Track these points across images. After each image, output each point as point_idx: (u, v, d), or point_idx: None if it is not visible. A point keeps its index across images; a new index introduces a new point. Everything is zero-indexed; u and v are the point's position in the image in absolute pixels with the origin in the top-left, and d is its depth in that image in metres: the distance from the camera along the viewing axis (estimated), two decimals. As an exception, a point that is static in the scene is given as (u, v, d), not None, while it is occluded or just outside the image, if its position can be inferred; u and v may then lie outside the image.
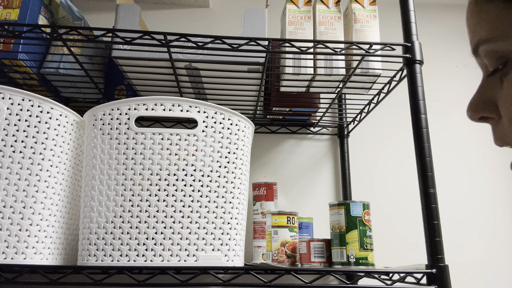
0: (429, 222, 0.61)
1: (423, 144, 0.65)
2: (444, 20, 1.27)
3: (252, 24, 0.77)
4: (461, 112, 1.18)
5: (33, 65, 0.80)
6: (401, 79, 0.78)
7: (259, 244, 0.89)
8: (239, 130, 0.66)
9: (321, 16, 0.81)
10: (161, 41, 0.69)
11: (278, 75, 0.90)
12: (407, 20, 0.72)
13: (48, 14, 0.83)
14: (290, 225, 0.76)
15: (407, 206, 1.07)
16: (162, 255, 0.58)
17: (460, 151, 1.14)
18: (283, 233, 0.76)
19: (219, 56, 0.75)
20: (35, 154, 0.60)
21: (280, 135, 1.10)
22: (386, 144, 1.12)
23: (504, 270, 1.04)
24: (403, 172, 1.10)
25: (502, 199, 1.10)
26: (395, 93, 1.15)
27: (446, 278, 0.58)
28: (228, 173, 0.63)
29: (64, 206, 0.65)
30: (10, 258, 0.56)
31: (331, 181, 1.07)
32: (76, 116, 0.68)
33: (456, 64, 1.23)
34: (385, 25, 1.23)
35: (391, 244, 1.04)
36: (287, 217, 0.76)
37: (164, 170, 0.61)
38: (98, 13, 1.16)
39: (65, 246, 0.66)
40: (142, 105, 0.62)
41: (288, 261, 0.74)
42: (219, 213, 0.62)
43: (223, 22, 1.18)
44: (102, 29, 0.68)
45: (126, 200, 0.60)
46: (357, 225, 0.69)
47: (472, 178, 1.12)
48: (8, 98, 0.61)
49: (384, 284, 0.61)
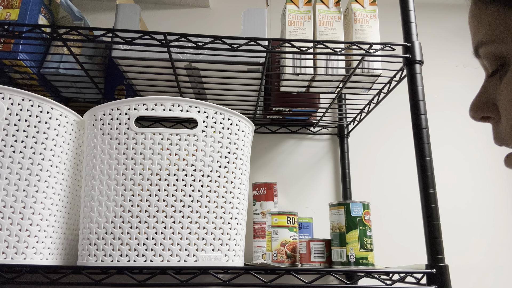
0: (429, 222, 0.61)
1: (423, 144, 0.65)
2: (444, 20, 1.27)
3: (252, 24, 0.77)
4: (461, 112, 1.18)
5: (33, 65, 0.80)
6: (401, 79, 0.78)
7: (259, 244, 0.89)
8: (239, 130, 0.66)
9: (321, 16, 0.81)
10: (161, 41, 0.69)
11: (278, 75, 0.90)
12: (407, 20, 0.72)
13: (48, 14, 0.83)
14: (290, 225, 0.76)
15: (407, 206, 1.07)
16: (162, 255, 0.58)
17: (460, 151, 1.14)
18: (283, 233, 0.76)
19: (219, 56, 0.75)
20: (35, 154, 0.60)
21: (280, 135, 1.10)
22: (386, 144, 1.12)
23: (506, 272, 1.04)
24: (403, 172, 1.10)
25: (503, 199, 1.10)
26: (395, 93, 1.15)
27: (446, 278, 0.58)
28: (228, 173, 0.63)
29: (64, 206, 0.65)
30: (10, 258, 0.56)
31: (331, 181, 1.07)
32: (76, 116, 0.68)
33: (456, 64, 1.23)
34: (385, 25, 1.23)
35: (391, 244, 1.04)
36: (287, 217, 0.76)
37: (164, 170, 0.61)
38: (98, 13, 1.16)
39: (65, 246, 0.66)
40: (142, 105, 0.62)
41: (288, 261, 0.74)
42: (219, 213, 0.62)
43: (223, 22, 1.18)
44: (102, 29, 0.68)
45: (126, 200, 0.60)
46: (357, 225, 0.69)
47: (473, 178, 1.12)
48: (8, 98, 0.61)
49: (384, 284, 0.61)
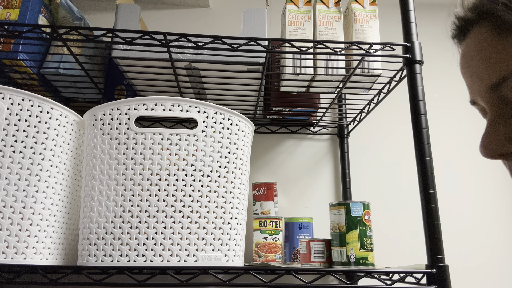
0: (429, 222, 0.61)
1: (423, 144, 0.65)
2: (444, 20, 1.27)
3: (252, 24, 0.77)
4: (461, 112, 1.18)
5: (33, 65, 0.80)
6: (401, 79, 0.78)
7: (259, 244, 0.89)
8: (239, 130, 0.66)
9: (321, 16, 0.81)
10: (161, 41, 0.69)
11: (278, 75, 0.90)
12: (407, 20, 0.72)
13: (48, 14, 0.83)
14: (262, 228, 0.82)
15: (407, 206, 1.07)
16: (162, 255, 0.58)
17: (460, 151, 1.14)
18: (256, 236, 0.83)
19: (219, 56, 0.75)
20: (35, 154, 0.60)
21: (280, 135, 1.10)
22: (385, 144, 1.12)
23: (506, 272, 1.04)
24: (403, 172, 1.10)
25: (504, 199, 1.10)
26: (395, 93, 1.15)
27: (446, 278, 0.58)
28: (228, 173, 0.63)
29: (64, 206, 0.65)
30: (10, 258, 0.56)
31: (331, 181, 1.07)
32: (76, 116, 0.68)
33: (456, 64, 1.23)
34: (385, 25, 1.23)
35: (391, 244, 1.04)
36: (259, 221, 0.83)
37: (164, 170, 0.61)
38: (98, 13, 1.16)
39: (65, 246, 0.66)
40: (142, 105, 0.62)
41: (259, 260, 0.80)
42: (219, 213, 0.62)
43: (223, 22, 1.18)
44: (102, 29, 0.68)
45: (126, 200, 0.60)
46: (357, 225, 0.69)
47: (473, 178, 1.12)
48: (8, 98, 0.61)
49: (384, 284, 0.61)
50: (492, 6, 0.31)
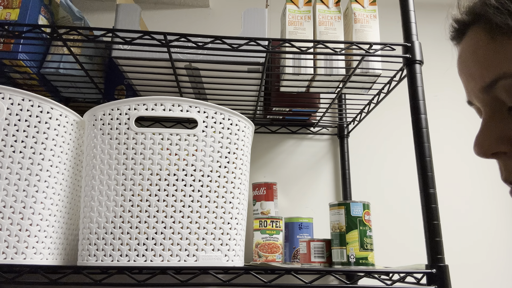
0: (429, 222, 0.61)
1: (423, 144, 0.65)
2: (444, 20, 1.27)
3: (252, 24, 0.77)
4: (461, 112, 1.18)
5: (33, 65, 0.80)
6: (401, 79, 0.78)
7: (259, 244, 0.89)
8: (239, 130, 0.66)
9: (321, 16, 0.81)
10: (161, 41, 0.69)
11: (278, 75, 0.90)
12: (407, 20, 0.72)
13: (48, 14, 0.83)
14: (262, 228, 0.82)
15: (407, 206, 1.07)
16: (162, 255, 0.58)
17: (460, 150, 1.14)
18: (256, 236, 0.83)
19: (219, 56, 0.75)
20: (35, 154, 0.60)
21: (280, 135, 1.10)
22: (386, 144, 1.12)
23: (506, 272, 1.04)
24: (403, 172, 1.10)
25: (503, 199, 1.10)
26: (395, 93, 1.15)
27: (446, 278, 0.58)
28: (228, 173, 0.63)
29: (64, 206, 0.65)
30: (10, 258, 0.56)
31: (331, 181, 1.07)
32: (76, 116, 0.68)
33: (455, 65, 1.23)
34: (385, 25, 1.23)
35: (391, 244, 1.04)
36: (259, 221, 0.83)
37: (164, 170, 0.61)
38: (98, 13, 1.16)
39: (65, 246, 0.66)
40: (142, 105, 0.62)
41: (259, 260, 0.80)
42: (219, 213, 0.62)
43: (223, 22, 1.18)
44: (102, 29, 0.68)
45: (126, 200, 0.60)
46: (357, 225, 0.69)
47: (473, 177, 1.12)
48: (8, 98, 0.61)
49: (384, 284, 0.61)
50: (484, 9, 0.32)
